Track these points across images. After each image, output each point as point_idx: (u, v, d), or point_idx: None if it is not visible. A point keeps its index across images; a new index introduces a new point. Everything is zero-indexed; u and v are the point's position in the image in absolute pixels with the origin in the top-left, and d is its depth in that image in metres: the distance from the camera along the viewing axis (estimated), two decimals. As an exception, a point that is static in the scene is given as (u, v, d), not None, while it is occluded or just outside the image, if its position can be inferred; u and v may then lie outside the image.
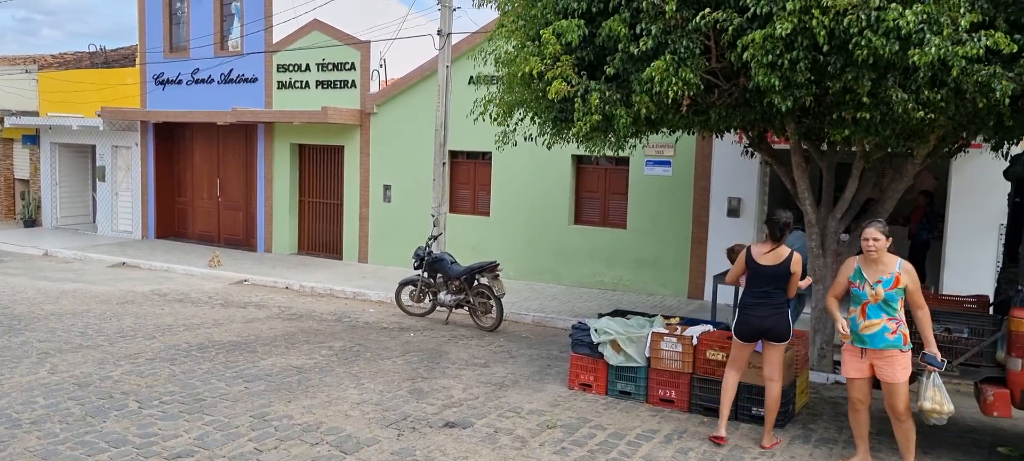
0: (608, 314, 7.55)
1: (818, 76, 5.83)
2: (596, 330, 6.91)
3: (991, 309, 6.24)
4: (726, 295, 9.63)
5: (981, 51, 5.13)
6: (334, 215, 15.79)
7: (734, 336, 5.77)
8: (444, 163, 11.72)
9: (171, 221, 18.29)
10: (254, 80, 16.02)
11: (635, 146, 9.49)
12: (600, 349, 6.88)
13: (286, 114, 15.03)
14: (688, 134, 8.47)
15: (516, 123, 8.76)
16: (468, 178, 14.38)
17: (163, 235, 18.06)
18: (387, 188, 14.79)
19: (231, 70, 16.26)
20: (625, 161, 12.56)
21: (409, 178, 14.34)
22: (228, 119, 15.54)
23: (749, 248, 5.78)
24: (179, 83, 17.07)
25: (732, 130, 8.21)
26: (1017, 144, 6.90)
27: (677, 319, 7.41)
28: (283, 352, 7.95)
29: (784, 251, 5.58)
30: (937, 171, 11.51)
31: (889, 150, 7.15)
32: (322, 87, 15.30)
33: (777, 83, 5.71)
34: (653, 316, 7.41)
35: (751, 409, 6.19)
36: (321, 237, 16.08)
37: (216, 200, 17.53)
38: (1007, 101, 5.34)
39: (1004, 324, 4.96)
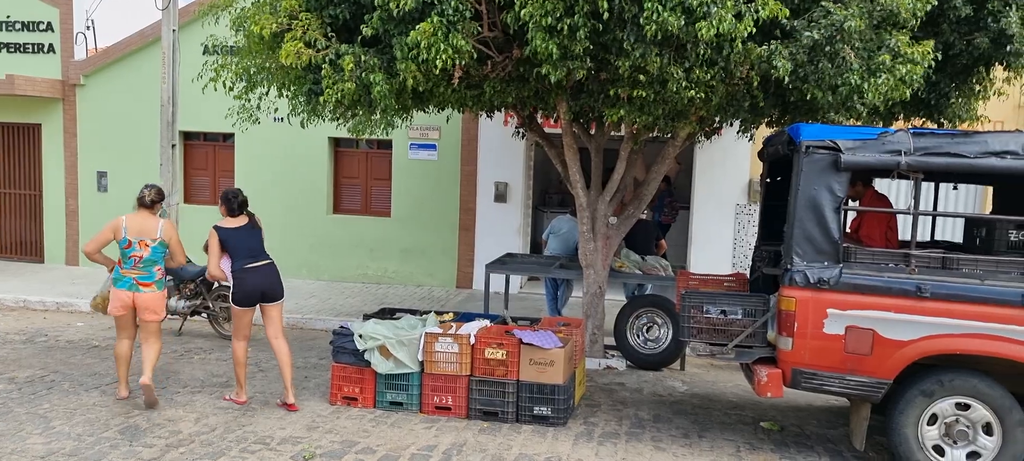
0: (374, 315, 6.67)
1: (599, 50, 5.49)
2: (361, 335, 6.00)
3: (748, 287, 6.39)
4: (498, 284, 9.22)
5: (752, 29, 5.08)
6: (31, 208, 12.90)
7: (233, 304, 5.87)
8: (174, 145, 9.91)
9: None
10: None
11: (398, 126, 8.69)
12: (367, 356, 5.98)
13: (-47, 83, 11.90)
14: (459, 111, 7.85)
15: (260, 98, 7.49)
16: (206, 163, 12.54)
17: None
18: (102, 175, 12.37)
19: None
20: (388, 145, 11.69)
21: (131, 163, 12.09)
22: None
23: (215, 226, 5.87)
24: None
25: (503, 109, 7.74)
26: (770, 125, 7.21)
27: (451, 315, 6.76)
28: (-63, 393, 5.95)
29: (244, 218, 5.95)
30: (679, 155, 12.23)
31: (656, 133, 7.13)
32: (8, 51, 12.36)
33: (554, 50, 5.24)
34: (425, 314, 6.68)
35: (533, 409, 5.72)
36: (13, 235, 13.07)
37: None
38: (787, 79, 5.36)
39: (774, 304, 4.97)
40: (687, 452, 5.26)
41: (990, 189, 9.56)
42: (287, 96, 6.77)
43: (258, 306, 5.94)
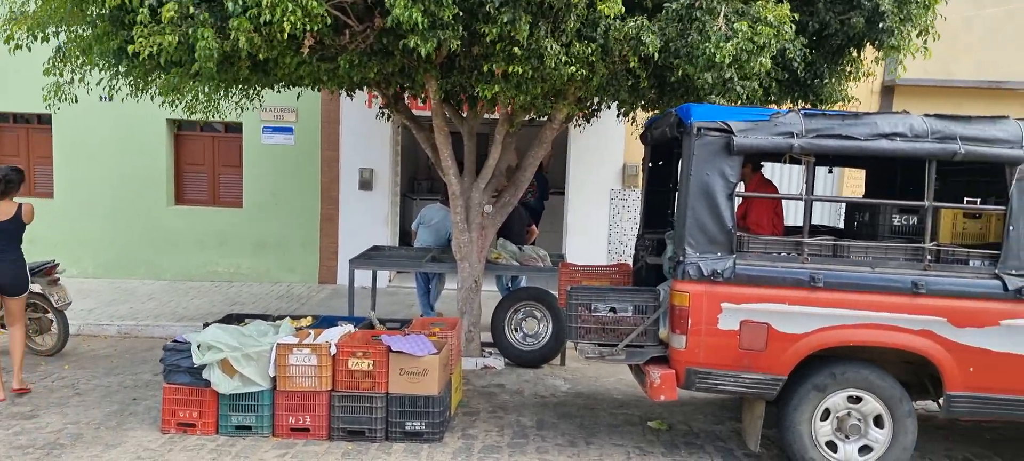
0: (217, 322, 5.74)
1: (470, 19, 4.88)
2: (200, 346, 5.10)
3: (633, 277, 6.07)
4: (364, 280, 8.45)
5: (620, 9, 4.70)
6: None
7: None
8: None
9: None
10: None
11: (248, 108, 7.70)
12: (206, 374, 5.09)
13: None
14: (312, 90, 6.98)
15: (74, 71, 6.29)
16: (17, 148, 10.84)
17: None
18: None
19: None
20: (238, 128, 10.53)
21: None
22: None
23: None
24: None
25: (366, 87, 6.96)
26: (646, 109, 6.91)
27: (309, 320, 5.96)
28: None
29: (12, 206, 5.92)
30: (552, 141, 11.90)
31: (533, 114, 6.63)
32: None
33: (420, 19, 4.59)
34: (278, 319, 5.84)
35: (405, 424, 5.07)
36: None
37: None
38: (657, 56, 5.02)
39: (665, 298, 4.60)
40: (575, 463, 4.82)
41: (848, 172, 9.92)
42: (95, 61, 5.67)
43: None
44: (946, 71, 9.73)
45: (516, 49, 5.09)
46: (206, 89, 6.41)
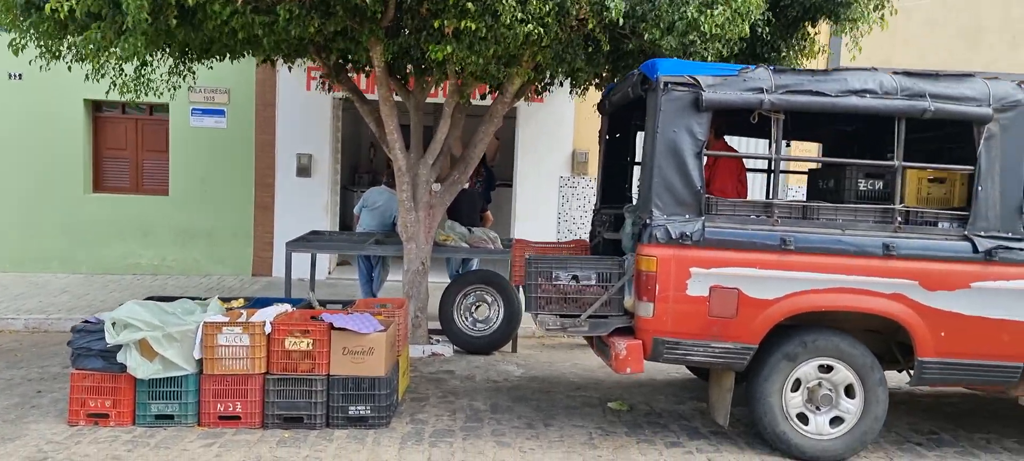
0: (139, 301, 5.17)
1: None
2: (115, 323, 4.55)
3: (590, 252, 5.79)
4: (301, 267, 7.94)
5: None
6: None
7: None
8: None
9: None
10: None
11: (180, 85, 7.11)
12: (122, 357, 4.54)
13: None
14: (247, 55, 6.45)
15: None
16: (-89, 129, 9.85)
17: None
18: None
19: None
20: (164, 109, 9.85)
21: None
22: None
23: None
24: None
25: (304, 55, 6.50)
26: (600, 84, 6.67)
27: (241, 302, 5.47)
28: None
29: None
30: (500, 131, 11.59)
31: (486, 84, 6.29)
32: None
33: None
34: (205, 300, 5.33)
35: (348, 409, 4.64)
36: None
37: None
38: (621, 20, 4.77)
39: (630, 265, 4.33)
40: (536, 445, 4.48)
41: (799, 150, 9.92)
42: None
43: None
44: (888, 61, 9.85)
45: (470, 4, 4.76)
46: (132, 54, 5.82)
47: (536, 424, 4.88)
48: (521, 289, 6.11)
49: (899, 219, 4.15)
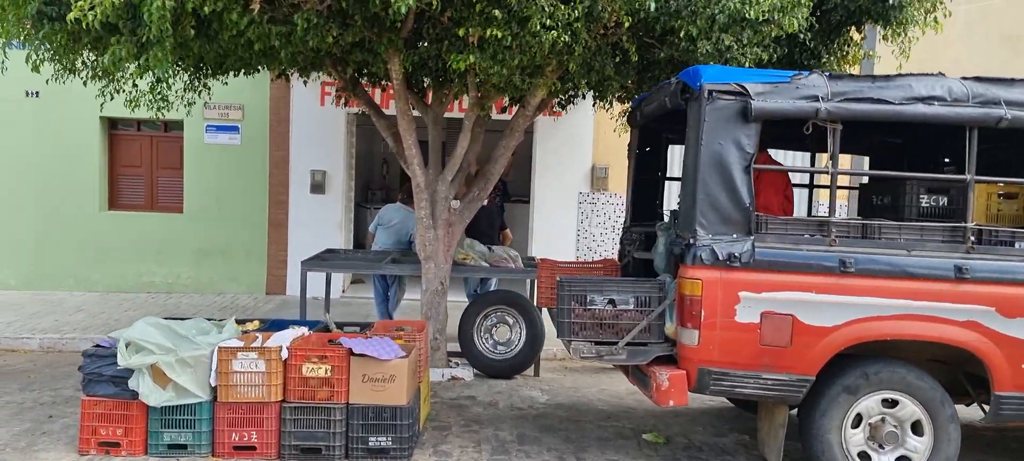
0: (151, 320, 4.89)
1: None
2: (128, 344, 4.30)
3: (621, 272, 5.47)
4: (317, 286, 7.67)
5: None
6: None
7: None
8: None
9: None
10: None
11: (193, 101, 6.90)
12: (133, 383, 4.28)
13: None
14: (263, 68, 6.22)
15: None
16: (-76, 147, 9.75)
17: None
18: None
19: None
20: (178, 126, 9.66)
21: None
22: None
23: None
24: None
25: (320, 68, 6.25)
26: (623, 98, 6.36)
27: (256, 324, 5.20)
28: None
29: None
30: (516, 147, 11.29)
31: (508, 97, 6.00)
32: None
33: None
34: (221, 321, 5.06)
35: (369, 440, 4.35)
36: None
37: None
38: (654, 15, 4.47)
39: (671, 288, 4.01)
40: (569, 482, 4.16)
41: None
42: (9, 30, 4.86)
43: None
44: (922, 67, 9.50)
45: (496, 11, 4.49)
46: (158, 65, 5.55)
47: (567, 456, 4.55)
48: (546, 311, 5.83)
49: (971, 239, 3.80)
